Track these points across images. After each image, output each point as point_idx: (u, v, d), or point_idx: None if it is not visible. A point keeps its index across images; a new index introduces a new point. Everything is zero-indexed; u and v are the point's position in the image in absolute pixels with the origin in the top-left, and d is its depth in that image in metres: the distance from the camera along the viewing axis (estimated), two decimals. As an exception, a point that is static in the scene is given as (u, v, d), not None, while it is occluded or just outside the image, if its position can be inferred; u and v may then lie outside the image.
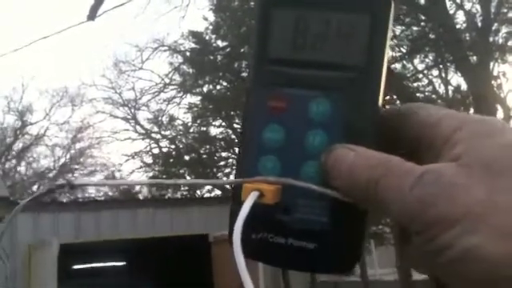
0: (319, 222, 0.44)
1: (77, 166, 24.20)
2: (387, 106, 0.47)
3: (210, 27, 17.60)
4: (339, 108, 0.45)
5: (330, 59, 0.45)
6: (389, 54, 0.46)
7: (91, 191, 23.90)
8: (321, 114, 0.45)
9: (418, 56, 12.40)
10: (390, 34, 0.45)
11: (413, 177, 0.38)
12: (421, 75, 12.94)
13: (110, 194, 22.66)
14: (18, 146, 23.43)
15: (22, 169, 23.89)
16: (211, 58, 17.90)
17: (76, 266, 11.31)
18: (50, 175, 23.87)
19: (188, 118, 21.14)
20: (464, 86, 12.70)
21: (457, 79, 16.81)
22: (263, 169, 0.45)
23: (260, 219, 0.44)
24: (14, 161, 23.51)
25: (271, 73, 0.46)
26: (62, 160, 24.05)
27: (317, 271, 0.47)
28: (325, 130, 0.45)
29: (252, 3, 15.75)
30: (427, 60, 12.61)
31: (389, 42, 0.46)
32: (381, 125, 0.44)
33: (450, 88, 13.00)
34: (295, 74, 0.46)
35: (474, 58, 11.37)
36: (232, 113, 19.29)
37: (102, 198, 15.91)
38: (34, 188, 23.41)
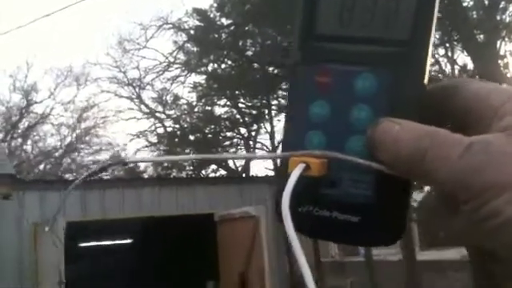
0: (364, 195, 0.45)
1: (82, 146, 24.30)
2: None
3: (215, 5, 17.43)
4: (385, 83, 0.45)
5: (376, 34, 0.46)
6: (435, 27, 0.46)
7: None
8: (366, 88, 0.45)
9: (425, 35, 12.28)
10: (437, 8, 0.45)
11: (461, 146, 0.39)
12: (427, 54, 12.84)
13: (116, 173, 22.78)
14: (24, 124, 23.52)
15: (28, 147, 24.01)
16: (216, 36, 17.78)
17: (82, 244, 11.41)
18: (56, 154, 23.99)
19: (193, 97, 21.11)
20: (470, 65, 12.60)
21: (463, 58, 16.66)
22: (309, 143, 0.46)
23: (305, 193, 0.45)
24: (19, 139, 23.61)
25: (317, 49, 0.47)
26: (68, 139, 24.14)
27: (361, 244, 0.48)
28: (370, 105, 0.45)
29: (257, -19, 15.57)
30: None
31: (436, 16, 0.45)
32: (426, 99, 0.45)
33: (457, 67, 12.90)
34: (341, 50, 0.46)
35: (481, 36, 11.25)
36: (237, 92, 19.22)
37: (108, 177, 16.00)
38: (41, 167, 23.58)
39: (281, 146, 0.48)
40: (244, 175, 18.92)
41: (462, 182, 0.38)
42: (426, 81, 0.45)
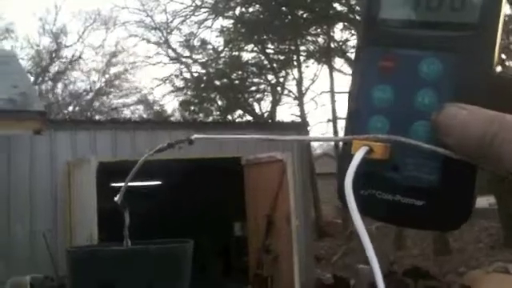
0: (428, 179, 0.45)
1: (112, 89, 24.56)
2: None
3: None
4: (450, 68, 0.44)
5: (443, 19, 0.45)
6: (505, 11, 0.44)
7: (126, 112, 24.35)
8: (431, 73, 0.45)
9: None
10: None
11: None
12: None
13: (145, 116, 23.05)
14: (54, 68, 23.77)
15: (58, 91, 24.37)
16: (244, -22, 17.39)
17: (114, 184, 11.73)
18: (88, 97, 24.34)
19: (220, 41, 20.90)
20: (508, 11, 12.12)
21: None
22: (373, 128, 0.46)
23: (369, 176, 0.46)
24: (50, 83, 23.93)
25: (382, 33, 0.47)
26: (98, 84, 24.39)
27: (424, 228, 0.47)
28: (435, 90, 0.45)
29: None
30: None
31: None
32: (495, 84, 0.44)
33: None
34: (406, 35, 0.46)
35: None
36: (265, 37, 18.95)
37: (138, 120, 16.22)
38: (70, 108, 23.98)
39: (344, 129, 0.48)
40: (270, 121, 18.95)
41: None
42: (494, 66, 0.44)
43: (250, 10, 18.54)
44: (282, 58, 20.34)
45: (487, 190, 12.30)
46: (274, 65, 20.44)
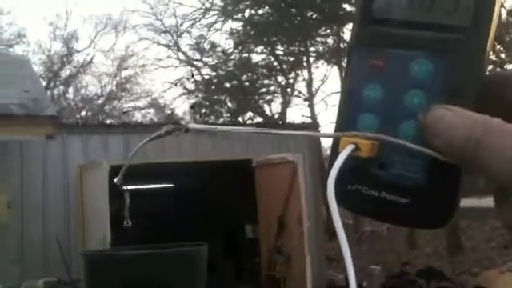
0: (413, 178, 0.46)
1: (123, 93, 24.71)
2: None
3: None
4: (440, 69, 0.45)
5: (435, 20, 0.45)
6: (498, 15, 0.45)
7: (138, 116, 24.48)
8: (421, 74, 0.45)
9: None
10: None
11: None
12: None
13: (155, 119, 23.16)
14: (66, 72, 23.94)
15: (70, 95, 24.55)
16: (253, -20, 17.40)
17: (125, 187, 11.78)
18: (99, 102, 24.50)
19: (229, 44, 20.92)
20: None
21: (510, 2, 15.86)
22: (362, 125, 0.47)
23: (356, 172, 0.46)
24: (62, 87, 24.11)
25: (374, 32, 0.47)
26: (109, 87, 24.55)
27: (408, 225, 0.49)
28: (424, 91, 0.45)
29: None
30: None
31: (498, 3, 0.45)
32: (483, 88, 0.44)
33: (504, 11, 12.36)
34: (398, 34, 0.46)
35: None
36: (274, 38, 18.95)
37: (149, 123, 16.30)
38: (82, 113, 24.15)
39: (334, 126, 0.49)
40: (281, 122, 18.94)
41: None
42: (484, 69, 0.44)
43: (260, 11, 18.57)
44: (291, 59, 20.33)
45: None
46: (284, 66, 20.44)
